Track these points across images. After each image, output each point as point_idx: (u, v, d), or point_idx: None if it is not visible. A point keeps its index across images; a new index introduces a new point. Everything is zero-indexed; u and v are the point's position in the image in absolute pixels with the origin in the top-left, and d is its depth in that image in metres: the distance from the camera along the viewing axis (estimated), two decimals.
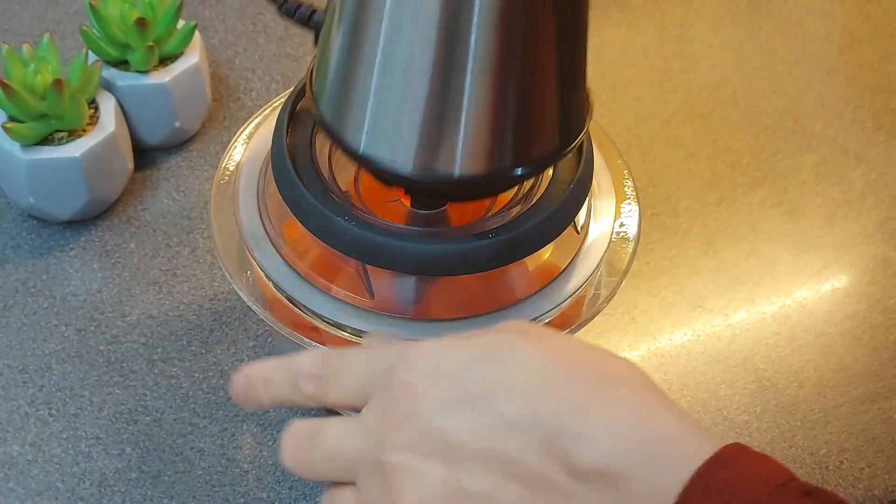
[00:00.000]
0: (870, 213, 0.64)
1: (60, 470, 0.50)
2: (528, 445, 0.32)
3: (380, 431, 0.34)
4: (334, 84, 0.43)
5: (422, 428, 0.33)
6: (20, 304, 0.56)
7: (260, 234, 0.47)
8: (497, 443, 0.32)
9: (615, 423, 0.32)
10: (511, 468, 0.32)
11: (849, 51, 0.73)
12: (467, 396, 0.33)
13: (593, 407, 0.32)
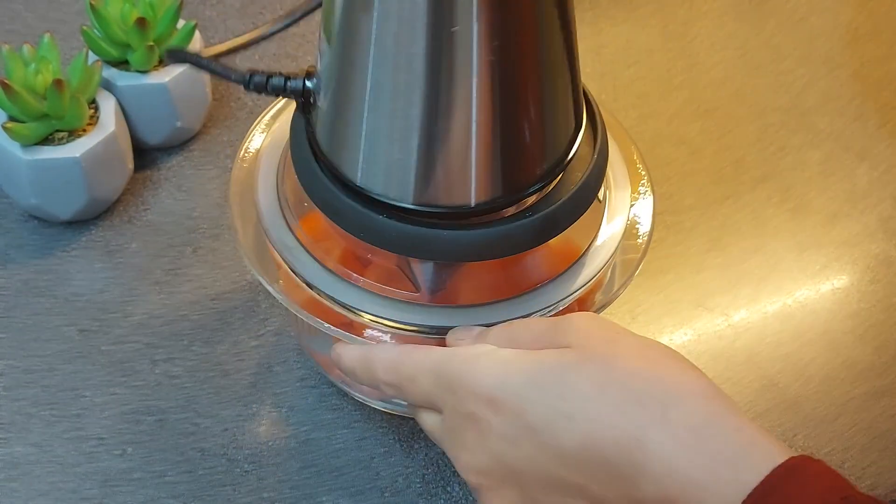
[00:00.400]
0: (873, 210, 0.63)
1: (64, 470, 0.50)
2: (591, 475, 0.33)
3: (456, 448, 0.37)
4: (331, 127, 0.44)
5: (490, 457, 0.35)
6: (23, 305, 0.56)
7: (281, 224, 0.47)
8: (562, 472, 0.33)
9: (673, 450, 0.32)
10: (579, 491, 0.33)
11: (853, 47, 0.73)
12: (527, 427, 0.34)
13: (651, 433, 0.32)
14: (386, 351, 0.40)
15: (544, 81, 0.42)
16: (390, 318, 0.44)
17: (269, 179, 0.49)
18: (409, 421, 0.53)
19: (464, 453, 0.36)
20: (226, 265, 0.58)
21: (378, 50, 0.40)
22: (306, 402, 0.53)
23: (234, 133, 0.65)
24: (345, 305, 0.45)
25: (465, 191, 0.42)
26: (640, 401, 0.33)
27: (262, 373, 0.54)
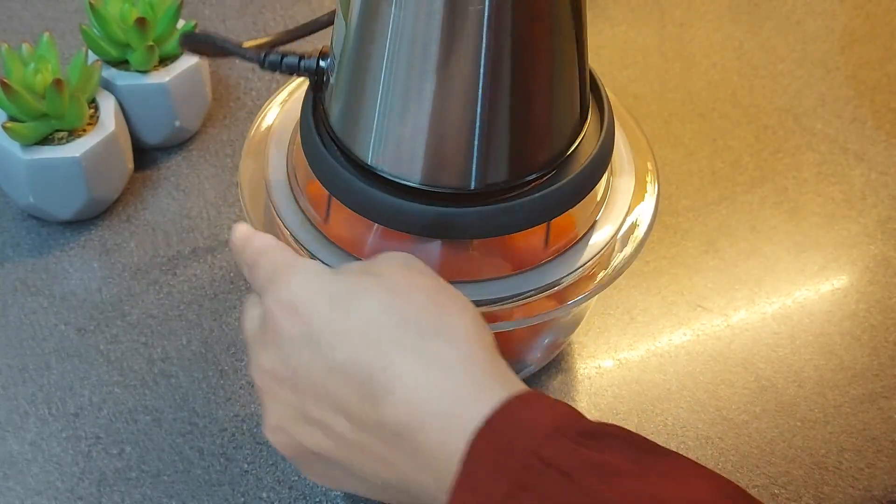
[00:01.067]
0: (870, 212, 0.64)
1: (60, 469, 0.50)
2: (350, 390, 0.35)
3: (256, 345, 0.39)
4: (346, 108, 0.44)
5: (278, 355, 0.37)
6: (20, 303, 0.56)
7: (290, 200, 0.48)
8: (329, 382, 0.36)
9: (420, 381, 0.35)
10: (339, 405, 0.36)
11: (849, 50, 0.73)
12: (311, 333, 0.36)
13: (407, 363, 0.35)
14: (260, 237, 0.41)
15: (558, 64, 0.43)
16: None
17: (279, 158, 0.49)
18: None
19: (260, 352, 0.38)
20: (223, 265, 0.58)
21: (396, 29, 0.41)
22: None
23: (234, 133, 0.65)
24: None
25: (475, 170, 0.43)
26: (410, 332, 0.35)
27: None
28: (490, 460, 0.33)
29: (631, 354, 0.56)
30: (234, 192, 0.62)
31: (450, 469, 0.33)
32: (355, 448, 0.36)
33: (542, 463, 0.32)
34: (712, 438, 0.53)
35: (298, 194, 0.48)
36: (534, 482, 0.32)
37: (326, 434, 0.37)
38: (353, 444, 0.36)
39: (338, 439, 0.36)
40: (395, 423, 0.34)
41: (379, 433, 0.35)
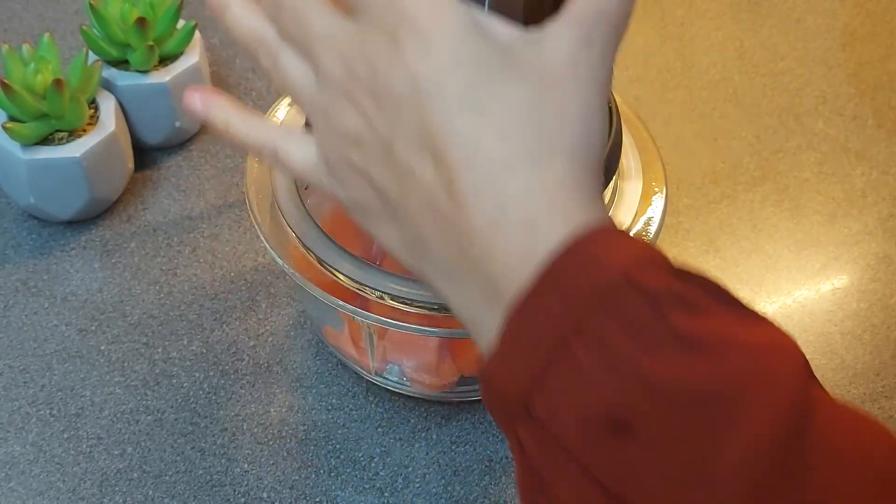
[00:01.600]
0: (871, 210, 0.64)
1: (62, 470, 0.50)
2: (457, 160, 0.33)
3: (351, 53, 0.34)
4: None
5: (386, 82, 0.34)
6: (21, 304, 0.56)
7: (294, 202, 0.47)
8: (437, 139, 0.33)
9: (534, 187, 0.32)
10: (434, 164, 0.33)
11: (849, 48, 0.73)
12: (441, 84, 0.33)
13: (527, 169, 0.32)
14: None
15: None
16: (394, 295, 0.45)
17: None
18: (408, 421, 0.53)
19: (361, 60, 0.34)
20: (224, 265, 0.58)
21: None
22: (304, 402, 0.53)
23: None
24: (358, 282, 0.45)
25: None
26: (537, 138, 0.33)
27: (259, 373, 0.54)
28: (573, 272, 0.31)
29: None
30: (234, 193, 0.62)
31: (520, 276, 0.31)
32: (421, 207, 0.34)
33: (629, 284, 0.30)
34: None
35: (304, 195, 0.48)
36: (617, 302, 0.30)
37: (399, 179, 0.34)
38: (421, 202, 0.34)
39: (409, 188, 0.34)
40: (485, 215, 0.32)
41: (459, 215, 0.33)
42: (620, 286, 0.30)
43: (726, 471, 0.29)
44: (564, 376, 0.30)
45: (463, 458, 0.51)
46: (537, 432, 0.32)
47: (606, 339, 0.30)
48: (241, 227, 0.60)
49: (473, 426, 0.53)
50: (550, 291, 0.31)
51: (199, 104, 0.40)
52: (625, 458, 0.30)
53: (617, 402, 0.30)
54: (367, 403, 0.53)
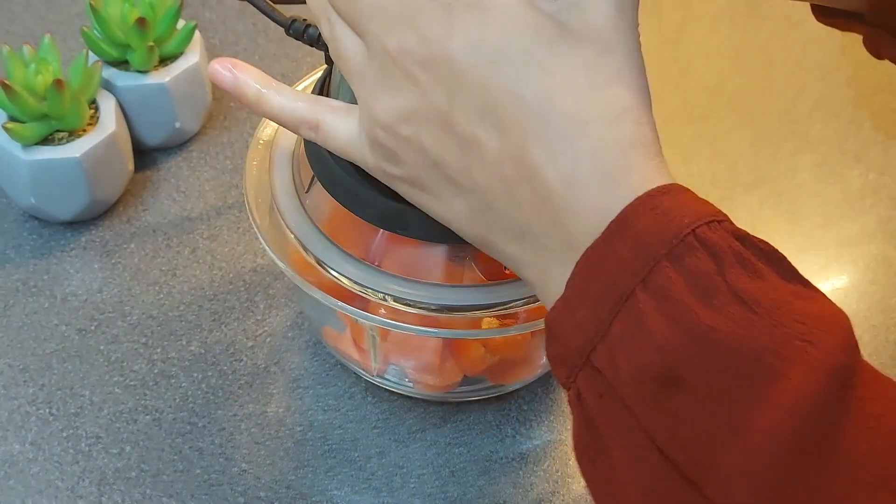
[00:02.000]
0: (869, 212, 0.64)
1: (60, 468, 0.50)
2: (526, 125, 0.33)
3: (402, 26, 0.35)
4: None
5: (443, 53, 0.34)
6: (21, 304, 0.56)
7: (294, 203, 0.47)
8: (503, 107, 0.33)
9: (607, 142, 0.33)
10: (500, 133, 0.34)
11: (846, 52, 0.73)
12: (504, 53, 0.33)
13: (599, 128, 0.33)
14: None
15: None
16: (397, 296, 0.45)
17: (284, 159, 0.49)
18: (405, 422, 0.53)
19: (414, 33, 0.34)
20: (223, 266, 0.59)
21: None
22: (302, 402, 0.53)
23: (233, 134, 0.65)
24: (361, 284, 0.45)
25: None
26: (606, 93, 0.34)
27: (257, 373, 0.54)
28: (645, 223, 0.31)
29: None
30: (233, 194, 0.62)
31: (593, 224, 0.32)
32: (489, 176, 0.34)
33: (696, 239, 0.31)
34: None
35: (303, 196, 0.48)
36: (683, 255, 0.31)
37: (461, 148, 0.34)
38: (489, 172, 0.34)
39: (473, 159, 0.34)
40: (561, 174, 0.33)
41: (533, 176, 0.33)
42: (688, 240, 0.31)
43: (764, 432, 0.29)
44: (627, 325, 0.31)
45: (459, 459, 0.51)
46: (597, 382, 0.32)
47: (670, 291, 0.31)
48: (240, 229, 0.60)
49: (470, 427, 0.53)
50: (622, 240, 0.32)
51: (228, 74, 0.39)
52: (673, 412, 0.30)
53: (672, 354, 0.30)
54: (364, 404, 0.53)
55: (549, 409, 0.54)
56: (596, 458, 0.33)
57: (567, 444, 0.52)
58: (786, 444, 0.29)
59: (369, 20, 0.36)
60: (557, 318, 0.34)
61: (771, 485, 0.29)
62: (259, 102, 0.39)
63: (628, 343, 0.31)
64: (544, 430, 0.53)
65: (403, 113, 0.35)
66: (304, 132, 0.39)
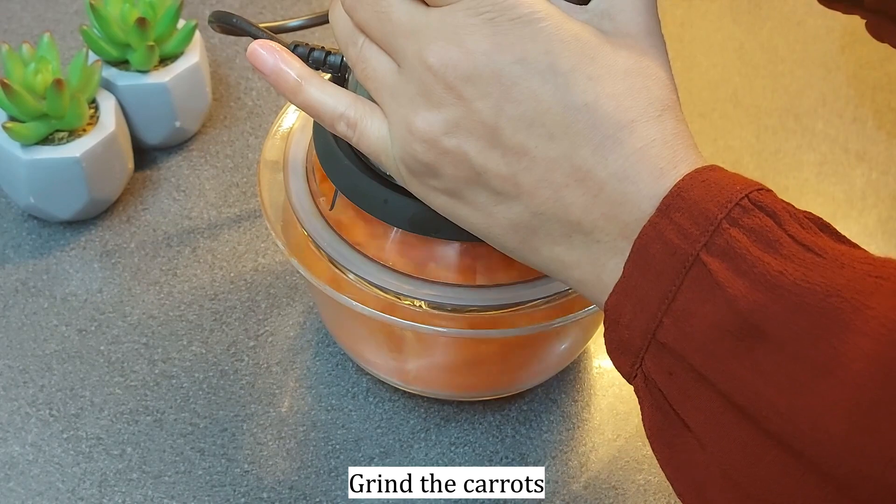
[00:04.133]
0: (871, 212, 0.64)
1: (61, 470, 0.50)
2: (573, 131, 0.35)
3: (443, 42, 0.35)
4: None
5: (488, 67, 0.35)
6: (20, 304, 0.56)
7: (312, 209, 0.47)
8: (549, 117, 0.35)
9: (654, 142, 0.35)
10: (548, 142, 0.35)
11: (850, 50, 0.73)
12: (548, 65, 0.35)
13: (647, 127, 0.35)
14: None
15: None
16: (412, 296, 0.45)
17: (298, 163, 0.49)
18: (408, 422, 0.53)
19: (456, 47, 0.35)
20: (224, 266, 0.58)
21: None
22: (304, 402, 0.53)
23: (234, 133, 0.65)
24: (372, 284, 0.45)
25: None
26: (648, 96, 0.35)
27: (259, 373, 0.54)
28: (698, 193, 0.33)
29: None
30: (234, 193, 0.62)
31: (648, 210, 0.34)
32: (537, 183, 0.35)
33: (750, 202, 0.32)
34: None
35: (325, 213, 0.47)
36: (741, 215, 0.32)
37: (507, 159, 0.35)
38: (537, 180, 0.35)
39: (520, 169, 0.35)
40: (614, 172, 0.34)
41: (584, 177, 0.35)
42: (744, 203, 0.32)
43: (858, 360, 0.29)
44: (695, 290, 0.32)
45: (462, 459, 0.51)
46: (665, 359, 0.33)
47: (736, 248, 0.32)
48: (240, 228, 0.60)
49: (473, 427, 0.53)
50: (678, 212, 0.33)
51: (270, 59, 0.39)
52: (755, 365, 0.31)
53: (747, 305, 0.31)
54: (366, 404, 0.53)
55: (549, 409, 0.53)
56: (674, 442, 0.34)
57: (567, 444, 0.52)
58: (881, 370, 0.29)
59: (406, 38, 0.36)
60: (618, 301, 0.34)
61: (866, 413, 0.29)
62: (298, 92, 0.39)
63: (700, 306, 0.32)
64: (545, 430, 0.53)
65: (447, 126, 0.36)
66: (341, 129, 0.39)
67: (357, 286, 0.46)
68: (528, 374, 0.52)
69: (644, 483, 0.51)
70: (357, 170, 0.44)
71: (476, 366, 0.50)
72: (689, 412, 0.33)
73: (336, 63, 0.44)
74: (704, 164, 0.35)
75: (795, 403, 0.30)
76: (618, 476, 0.51)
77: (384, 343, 0.50)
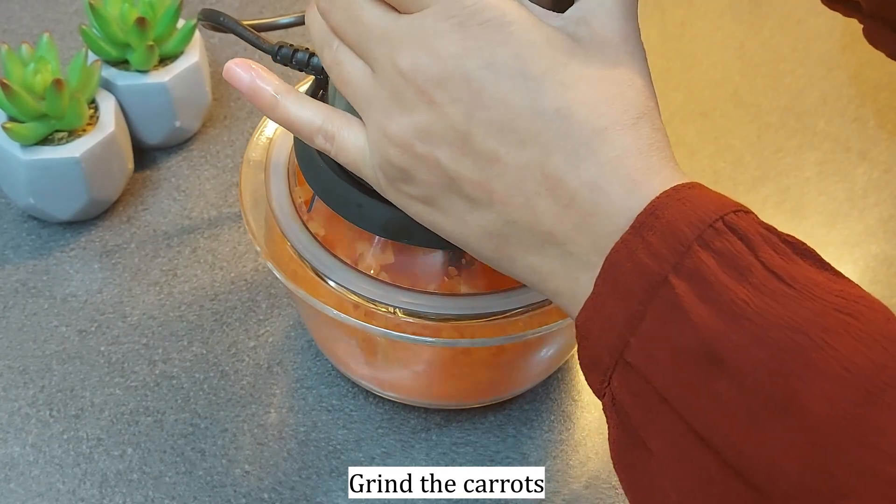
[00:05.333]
0: (872, 211, 0.63)
1: (61, 471, 0.50)
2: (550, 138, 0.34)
3: (413, 46, 0.35)
4: None
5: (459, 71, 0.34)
6: (20, 305, 0.56)
7: (291, 212, 0.47)
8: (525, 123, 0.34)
9: (629, 149, 0.34)
10: (520, 149, 0.34)
11: (851, 48, 0.73)
12: (519, 69, 0.34)
13: (620, 136, 0.34)
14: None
15: None
16: (391, 304, 0.44)
17: (280, 167, 0.49)
18: (408, 422, 0.52)
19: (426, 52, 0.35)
20: (224, 266, 0.58)
21: None
22: (305, 402, 0.53)
23: (234, 133, 0.65)
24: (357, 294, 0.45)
25: None
26: (622, 104, 0.35)
27: (260, 374, 0.54)
28: (672, 212, 0.32)
29: None
30: (234, 193, 0.62)
31: (620, 224, 0.33)
32: (509, 191, 0.34)
33: (724, 224, 0.32)
34: None
35: (304, 216, 0.47)
36: (713, 238, 0.31)
37: (478, 164, 0.35)
38: (509, 187, 0.34)
39: (492, 176, 0.35)
40: (586, 182, 0.33)
41: (556, 186, 0.34)
42: (718, 225, 0.31)
43: (816, 401, 0.29)
44: (662, 312, 0.31)
45: (464, 460, 0.51)
46: (631, 379, 0.32)
47: (704, 273, 0.31)
48: (240, 228, 0.60)
49: (474, 427, 0.52)
50: (650, 231, 0.32)
51: (245, 76, 0.39)
52: (715, 395, 0.30)
53: (710, 334, 0.30)
54: (367, 404, 0.53)
55: (549, 409, 0.53)
56: (635, 463, 0.33)
57: (567, 443, 0.52)
58: (838, 414, 0.29)
59: (378, 42, 0.36)
60: (588, 318, 0.34)
61: (821, 455, 0.29)
62: (275, 108, 0.39)
63: (664, 329, 0.31)
64: (545, 430, 0.53)
65: (418, 131, 0.35)
66: (319, 142, 0.39)
67: (335, 292, 0.45)
68: (509, 383, 0.52)
69: None
70: (333, 173, 0.43)
71: (452, 375, 0.50)
72: (651, 435, 0.32)
73: (319, 65, 0.44)
74: (681, 178, 0.34)
75: (752, 438, 0.30)
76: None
77: (360, 349, 0.50)
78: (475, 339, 0.45)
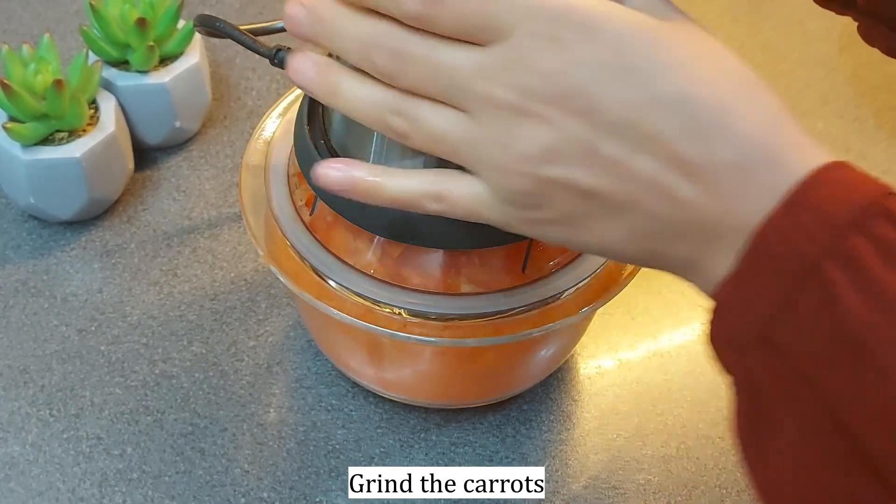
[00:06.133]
0: None
1: (61, 470, 0.50)
2: (673, 125, 0.33)
3: (513, 73, 0.34)
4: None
5: (567, 83, 0.33)
6: (21, 305, 0.56)
7: (292, 214, 0.47)
8: (643, 116, 0.33)
9: (756, 121, 0.33)
10: (647, 141, 0.33)
11: (850, 50, 0.73)
12: (625, 66, 0.33)
13: (740, 103, 0.33)
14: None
15: None
16: (396, 305, 0.44)
17: (279, 170, 0.49)
18: (408, 422, 0.53)
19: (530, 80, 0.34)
20: (224, 266, 0.58)
21: None
22: (304, 402, 0.53)
23: (234, 133, 0.65)
24: (362, 296, 0.45)
25: None
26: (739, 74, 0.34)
27: (259, 373, 0.54)
28: (827, 193, 0.31)
29: (631, 354, 0.56)
30: (234, 193, 0.62)
31: (766, 206, 0.32)
32: (647, 189, 0.34)
33: (882, 211, 0.31)
34: (713, 438, 0.53)
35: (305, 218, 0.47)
36: (871, 224, 0.30)
37: (610, 170, 0.34)
38: (647, 185, 0.34)
39: (627, 178, 0.34)
40: (725, 161, 0.32)
41: (694, 171, 0.33)
42: (873, 209, 0.31)
43: None
44: (813, 296, 0.31)
45: (463, 460, 0.51)
46: (773, 360, 0.32)
47: (857, 259, 0.30)
48: (240, 228, 0.60)
49: (474, 427, 0.53)
50: (804, 211, 0.31)
51: (339, 174, 0.38)
52: (862, 386, 0.30)
53: (859, 326, 0.30)
54: (366, 404, 0.53)
55: (549, 409, 0.53)
56: (760, 438, 0.33)
57: (566, 443, 0.52)
58: None
59: (471, 82, 0.35)
60: (729, 294, 0.33)
61: None
62: (377, 191, 0.38)
63: (814, 313, 0.31)
64: (544, 430, 0.53)
65: (543, 154, 0.34)
66: (432, 207, 0.38)
67: (338, 294, 0.45)
68: (508, 383, 0.52)
69: (644, 483, 0.51)
70: None
71: (453, 374, 0.50)
72: (785, 414, 0.32)
73: None
74: (820, 152, 0.33)
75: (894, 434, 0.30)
76: (618, 476, 0.51)
77: (362, 349, 0.50)
78: (479, 339, 0.45)
